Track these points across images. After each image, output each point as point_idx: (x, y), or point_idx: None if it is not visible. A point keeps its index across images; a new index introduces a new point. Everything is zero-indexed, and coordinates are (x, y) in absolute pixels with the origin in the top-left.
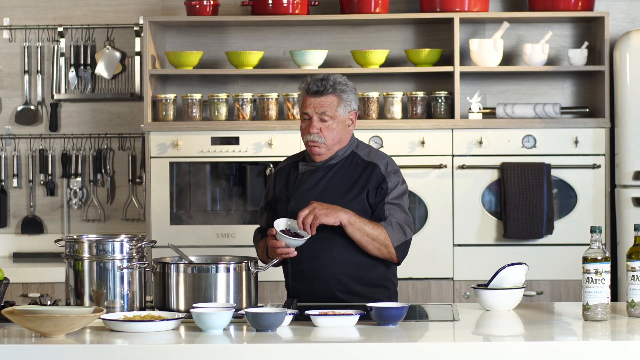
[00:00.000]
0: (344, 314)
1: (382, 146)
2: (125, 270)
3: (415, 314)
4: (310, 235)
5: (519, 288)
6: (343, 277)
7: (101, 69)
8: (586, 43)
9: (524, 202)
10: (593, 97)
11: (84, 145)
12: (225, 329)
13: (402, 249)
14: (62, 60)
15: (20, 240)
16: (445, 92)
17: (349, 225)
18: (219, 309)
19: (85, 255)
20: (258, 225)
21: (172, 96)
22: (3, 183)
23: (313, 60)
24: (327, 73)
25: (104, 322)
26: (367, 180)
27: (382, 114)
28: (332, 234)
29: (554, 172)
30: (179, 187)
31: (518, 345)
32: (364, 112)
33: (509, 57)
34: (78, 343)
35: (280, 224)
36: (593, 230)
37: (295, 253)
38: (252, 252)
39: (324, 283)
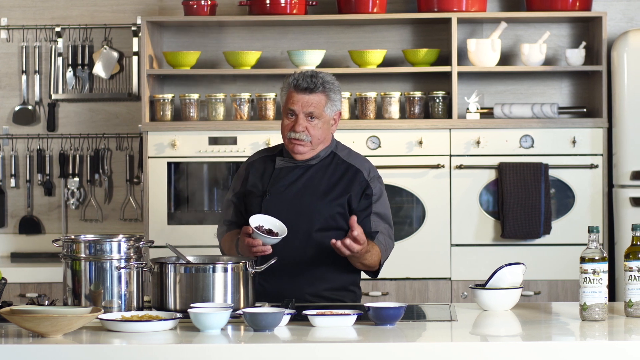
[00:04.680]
0: (341, 314)
1: (379, 146)
2: (122, 270)
3: (413, 314)
4: (286, 234)
5: (516, 288)
6: (315, 280)
7: (99, 69)
8: (584, 43)
9: (522, 202)
10: (591, 97)
11: (81, 145)
12: (223, 329)
13: (382, 265)
14: (59, 60)
15: (18, 240)
16: (443, 92)
17: (355, 257)
18: (217, 309)
19: (83, 255)
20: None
21: (169, 96)
22: (1, 183)
23: (311, 60)
24: (313, 70)
25: (101, 322)
26: (349, 184)
27: (380, 114)
28: (306, 234)
29: (552, 172)
30: (176, 187)
31: (516, 345)
32: (361, 112)
33: (506, 57)
34: (75, 343)
35: (253, 221)
36: (591, 230)
37: (271, 250)
38: None
39: (294, 283)
